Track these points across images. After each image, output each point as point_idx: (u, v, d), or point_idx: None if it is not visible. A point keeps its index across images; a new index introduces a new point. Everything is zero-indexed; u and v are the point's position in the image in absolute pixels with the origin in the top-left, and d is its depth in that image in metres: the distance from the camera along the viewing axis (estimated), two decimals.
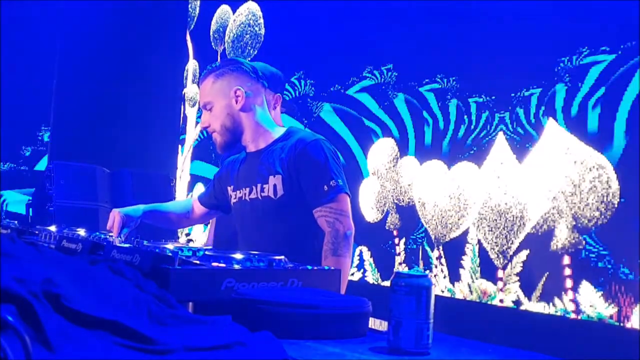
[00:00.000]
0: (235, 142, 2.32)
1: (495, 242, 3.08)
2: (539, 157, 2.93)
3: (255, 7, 4.88)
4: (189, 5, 5.72)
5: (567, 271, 2.79)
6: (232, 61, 2.45)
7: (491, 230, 3.09)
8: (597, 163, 2.70)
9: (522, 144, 3.01)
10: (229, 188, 2.40)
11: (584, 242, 2.73)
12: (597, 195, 2.69)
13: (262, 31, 4.78)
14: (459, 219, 3.26)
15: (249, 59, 4.89)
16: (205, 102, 2.31)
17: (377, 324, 1.43)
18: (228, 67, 2.34)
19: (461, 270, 3.24)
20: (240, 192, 2.32)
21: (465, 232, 3.22)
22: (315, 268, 1.54)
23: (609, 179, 2.66)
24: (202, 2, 5.59)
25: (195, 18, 5.64)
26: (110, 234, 2.13)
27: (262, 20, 4.81)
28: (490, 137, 3.16)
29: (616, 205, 2.63)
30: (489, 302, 3.09)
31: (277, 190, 2.19)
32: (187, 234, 5.19)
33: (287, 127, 2.39)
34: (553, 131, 2.89)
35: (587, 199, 2.72)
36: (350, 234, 2.17)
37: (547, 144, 2.91)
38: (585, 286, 2.71)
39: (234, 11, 5.12)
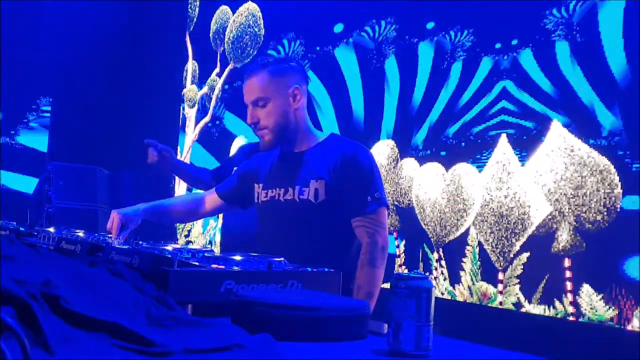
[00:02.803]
0: (283, 141, 2.25)
1: (496, 244, 3.07)
2: (542, 159, 2.92)
3: (255, 8, 4.88)
4: (189, 6, 5.71)
5: (568, 274, 2.78)
6: (285, 59, 2.42)
7: (492, 232, 3.08)
8: (600, 165, 2.70)
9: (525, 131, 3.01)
10: (256, 185, 2.33)
11: (584, 244, 2.73)
12: (600, 198, 2.68)
13: (262, 32, 4.78)
14: (457, 220, 3.26)
15: (249, 59, 4.89)
16: (258, 98, 2.20)
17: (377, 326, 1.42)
18: (284, 65, 2.27)
19: (461, 273, 3.23)
20: (272, 192, 2.25)
21: (466, 234, 3.21)
22: (315, 270, 1.54)
23: (612, 182, 2.65)
24: (202, 3, 5.59)
25: (195, 19, 5.64)
26: (109, 235, 2.13)
27: (261, 21, 4.81)
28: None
29: (618, 209, 2.63)
30: (489, 305, 3.08)
31: (319, 195, 2.14)
32: (186, 236, 5.19)
33: (329, 132, 2.34)
34: (557, 132, 2.89)
35: (590, 202, 2.72)
36: (386, 247, 2.16)
37: (550, 145, 2.90)
38: (586, 289, 2.70)
39: (233, 12, 5.11)
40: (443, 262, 3.33)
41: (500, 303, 3.04)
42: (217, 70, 5.25)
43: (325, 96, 4.17)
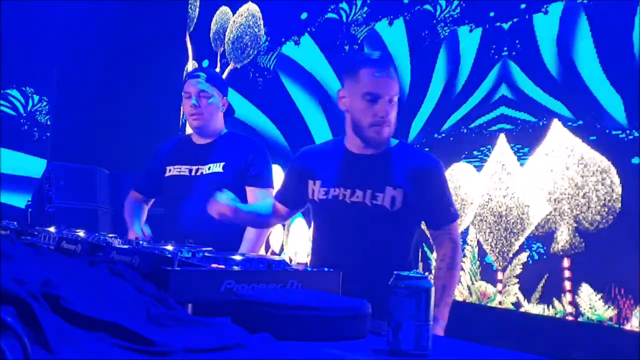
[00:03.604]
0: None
1: (495, 244, 3.08)
2: (542, 158, 2.92)
3: (255, 9, 4.88)
4: (189, 7, 5.72)
5: (567, 273, 2.79)
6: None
7: (491, 232, 3.09)
8: (600, 166, 2.70)
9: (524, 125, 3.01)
10: (310, 182, 2.24)
11: (583, 244, 2.74)
12: (600, 199, 2.68)
13: (262, 32, 4.78)
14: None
15: (248, 60, 4.89)
16: (395, 94, 2.12)
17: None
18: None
19: (461, 272, 3.24)
20: (335, 191, 2.17)
21: (465, 234, 3.21)
22: (315, 270, 1.54)
23: (612, 183, 2.65)
24: (202, 3, 5.59)
25: (195, 19, 5.64)
26: (110, 235, 2.12)
27: (261, 22, 4.81)
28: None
29: (618, 210, 2.63)
30: (488, 304, 3.09)
31: (395, 203, 2.10)
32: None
33: (399, 139, 2.26)
34: (557, 132, 2.89)
35: (590, 202, 2.72)
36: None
37: (551, 145, 2.90)
38: (585, 288, 2.71)
39: (233, 12, 5.12)
40: None
41: (500, 303, 3.04)
42: (217, 70, 5.25)
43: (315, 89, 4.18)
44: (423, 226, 2.24)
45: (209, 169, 2.74)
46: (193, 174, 2.76)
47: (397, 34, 3.65)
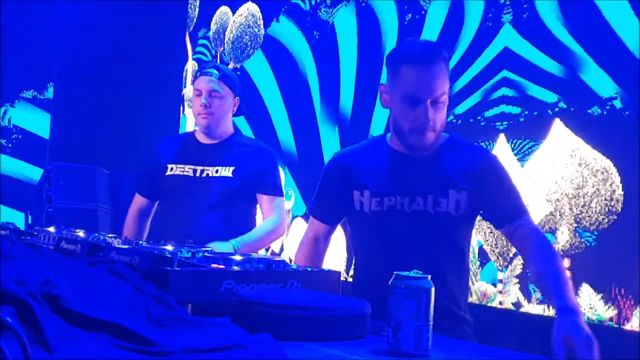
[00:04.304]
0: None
1: (496, 244, 3.07)
2: (543, 158, 2.92)
3: (255, 9, 4.88)
4: (189, 6, 5.72)
5: (567, 273, 2.78)
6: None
7: (491, 232, 3.08)
8: (602, 166, 2.70)
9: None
10: (356, 192, 1.92)
11: (584, 244, 2.74)
12: (600, 199, 2.68)
13: (262, 32, 4.78)
14: None
15: (248, 60, 4.89)
16: (441, 94, 1.82)
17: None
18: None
19: None
20: (390, 200, 1.88)
21: None
22: (315, 270, 1.54)
23: (613, 183, 2.65)
24: (202, 3, 5.60)
25: (195, 19, 5.65)
26: (110, 235, 2.11)
27: (261, 21, 4.81)
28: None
29: (618, 210, 2.63)
30: (488, 304, 3.08)
31: (460, 206, 1.85)
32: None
33: (449, 134, 1.97)
34: (559, 132, 2.88)
35: (591, 203, 2.72)
36: None
37: (552, 145, 2.90)
38: (585, 288, 2.71)
39: (233, 12, 5.12)
40: None
41: (500, 303, 3.04)
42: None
43: (315, 79, 4.17)
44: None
45: (216, 171, 2.64)
46: (197, 174, 2.66)
47: (379, 9, 3.65)
